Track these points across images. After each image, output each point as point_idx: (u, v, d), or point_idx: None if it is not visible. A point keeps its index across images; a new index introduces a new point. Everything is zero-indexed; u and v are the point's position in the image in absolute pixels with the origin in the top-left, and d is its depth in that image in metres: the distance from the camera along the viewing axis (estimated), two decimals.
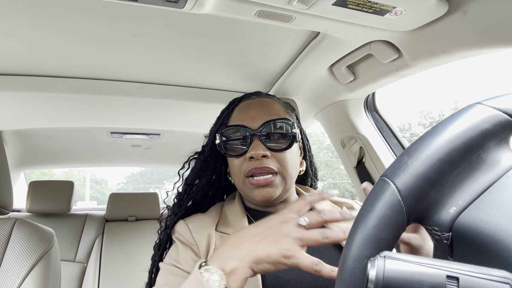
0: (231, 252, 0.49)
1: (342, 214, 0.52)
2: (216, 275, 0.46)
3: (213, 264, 0.48)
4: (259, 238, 0.49)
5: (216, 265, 0.47)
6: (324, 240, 0.48)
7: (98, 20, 0.87)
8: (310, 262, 0.46)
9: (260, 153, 0.68)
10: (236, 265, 0.47)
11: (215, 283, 0.45)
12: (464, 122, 0.33)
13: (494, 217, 0.30)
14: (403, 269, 0.27)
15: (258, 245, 0.48)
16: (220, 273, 0.46)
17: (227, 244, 0.51)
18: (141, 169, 23.39)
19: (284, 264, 0.47)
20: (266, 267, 0.48)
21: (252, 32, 0.97)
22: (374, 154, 1.23)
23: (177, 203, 0.79)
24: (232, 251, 0.49)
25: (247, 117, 0.73)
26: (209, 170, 0.80)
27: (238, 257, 0.48)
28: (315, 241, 0.48)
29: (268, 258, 0.47)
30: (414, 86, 30.46)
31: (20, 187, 2.36)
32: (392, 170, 0.33)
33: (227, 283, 0.46)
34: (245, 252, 0.48)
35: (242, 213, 0.74)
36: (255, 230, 0.51)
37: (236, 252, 0.49)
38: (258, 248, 0.48)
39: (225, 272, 0.46)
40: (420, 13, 0.72)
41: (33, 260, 0.84)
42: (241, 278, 0.47)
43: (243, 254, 0.48)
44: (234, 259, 0.48)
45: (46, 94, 1.21)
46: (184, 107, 1.42)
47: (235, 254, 0.48)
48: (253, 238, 0.50)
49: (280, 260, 0.47)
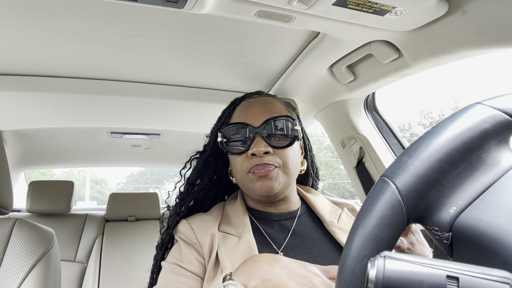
0: (258, 270, 0.48)
1: None
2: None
3: (237, 279, 0.48)
4: (290, 273, 0.48)
5: (240, 281, 0.47)
6: None
7: (98, 20, 0.87)
8: None
9: (262, 150, 0.68)
10: (258, 285, 0.46)
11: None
12: (464, 122, 0.33)
13: (494, 217, 0.30)
14: (403, 269, 0.27)
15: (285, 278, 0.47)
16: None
17: (256, 261, 0.50)
18: (141, 169, 23.40)
19: None
20: None
21: (252, 32, 0.97)
22: (374, 154, 1.23)
23: (179, 202, 0.79)
24: (259, 270, 0.48)
25: (249, 115, 0.73)
26: (210, 170, 0.80)
27: (263, 278, 0.47)
28: None
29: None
30: (414, 86, 30.47)
31: (20, 187, 2.36)
32: (392, 170, 0.33)
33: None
34: (270, 276, 0.47)
35: (244, 212, 0.74)
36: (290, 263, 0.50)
37: (262, 272, 0.48)
38: (284, 280, 0.47)
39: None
40: (420, 13, 0.72)
41: (33, 260, 0.84)
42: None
43: (268, 277, 0.47)
44: (258, 279, 0.47)
45: (46, 94, 1.21)
46: (184, 107, 1.42)
47: (261, 274, 0.47)
48: (284, 269, 0.49)
49: None
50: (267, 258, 0.51)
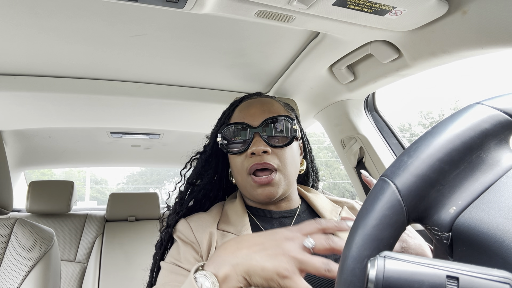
0: (226, 257, 0.47)
1: None
2: (209, 281, 0.44)
3: (208, 268, 0.47)
4: (258, 248, 0.47)
5: (211, 270, 0.46)
6: (326, 273, 0.43)
7: (98, 20, 0.87)
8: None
9: (261, 149, 0.69)
10: (229, 271, 0.45)
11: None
12: (464, 122, 0.33)
13: (494, 217, 0.30)
14: (403, 269, 0.27)
15: (254, 255, 0.46)
16: (213, 279, 0.44)
17: (224, 248, 0.49)
18: (141, 169, 23.40)
19: (277, 283, 0.43)
20: (258, 281, 0.45)
21: (252, 32, 0.97)
22: (374, 154, 1.23)
23: (178, 202, 0.79)
24: (228, 256, 0.47)
25: (248, 115, 0.74)
26: (210, 170, 0.81)
27: (233, 263, 0.46)
28: (316, 270, 0.43)
29: (262, 271, 0.44)
30: (414, 86, 30.49)
31: (20, 187, 2.36)
32: (392, 170, 0.33)
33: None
34: (240, 260, 0.46)
35: (243, 211, 0.74)
36: (256, 239, 0.49)
37: (231, 258, 0.47)
38: (254, 258, 0.45)
39: (219, 278, 0.45)
40: (420, 13, 0.72)
41: (33, 260, 0.84)
42: (234, 286, 0.45)
43: (237, 261, 0.46)
44: (228, 265, 0.46)
45: (46, 94, 1.21)
46: (184, 107, 1.42)
47: (230, 260, 0.46)
48: (252, 247, 0.47)
49: (274, 278, 0.44)
50: (234, 241, 0.50)
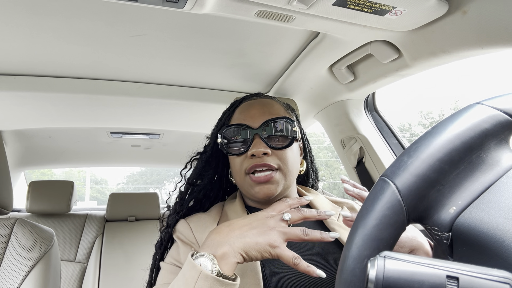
0: (222, 239, 0.53)
1: (319, 213, 0.57)
2: (208, 259, 0.50)
3: (204, 251, 0.52)
4: (248, 228, 0.54)
5: (207, 251, 0.51)
6: (304, 237, 0.53)
7: (98, 20, 0.87)
8: (291, 255, 0.51)
9: (261, 151, 0.69)
10: (227, 249, 0.51)
11: (207, 266, 0.49)
12: (464, 122, 0.33)
13: (494, 217, 0.30)
14: (403, 269, 0.27)
15: (247, 233, 0.53)
16: (211, 257, 0.50)
17: (217, 233, 0.55)
18: (141, 169, 23.40)
19: (269, 253, 0.51)
20: (253, 254, 0.52)
21: (252, 32, 0.97)
22: (374, 154, 1.23)
23: (179, 202, 0.79)
24: (223, 238, 0.53)
25: (248, 116, 0.74)
26: (211, 170, 0.81)
27: (229, 242, 0.52)
28: (297, 236, 0.53)
29: (256, 245, 0.51)
30: (414, 86, 30.49)
31: (20, 187, 2.36)
32: (392, 170, 0.33)
33: (219, 266, 0.49)
34: (235, 239, 0.52)
35: (243, 211, 0.74)
36: (243, 221, 0.56)
37: (227, 238, 0.53)
38: (247, 235, 0.53)
39: (217, 257, 0.50)
40: (420, 13, 0.72)
41: (33, 260, 0.84)
42: (232, 262, 0.50)
43: (233, 240, 0.52)
44: (225, 245, 0.52)
45: (46, 94, 1.21)
46: (184, 107, 1.42)
47: (226, 240, 0.52)
48: (243, 227, 0.54)
49: (266, 249, 0.51)
50: (224, 226, 0.56)
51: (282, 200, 0.61)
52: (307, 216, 0.57)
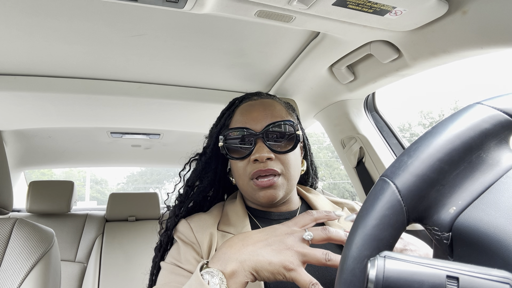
0: (233, 254, 0.49)
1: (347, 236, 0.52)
2: (217, 278, 0.46)
3: (214, 266, 0.48)
4: (263, 244, 0.49)
5: (217, 268, 0.48)
6: (326, 262, 0.47)
7: (98, 20, 0.87)
8: (308, 280, 0.46)
9: (264, 156, 0.68)
10: (237, 267, 0.47)
11: (215, 286, 0.45)
12: (464, 122, 0.33)
13: (494, 217, 0.30)
14: (403, 269, 0.27)
15: (260, 251, 0.48)
16: (220, 276, 0.46)
17: (229, 246, 0.51)
18: (141, 169, 23.40)
19: (283, 275, 0.47)
20: (265, 275, 0.47)
21: (252, 32, 0.97)
22: (374, 154, 1.23)
23: (178, 204, 0.79)
24: (234, 253, 0.49)
25: (250, 119, 0.72)
26: (210, 172, 0.80)
27: (240, 260, 0.48)
28: (317, 260, 0.47)
29: (269, 266, 0.47)
30: (414, 86, 30.47)
31: (20, 187, 2.36)
32: (392, 170, 0.33)
33: (227, 286, 0.46)
34: (247, 256, 0.48)
35: (244, 212, 0.74)
36: (259, 235, 0.51)
37: (238, 254, 0.49)
38: (260, 254, 0.48)
39: (226, 275, 0.46)
40: (420, 13, 0.72)
41: (33, 260, 0.84)
42: (241, 281, 0.47)
43: (244, 257, 0.48)
44: (235, 262, 0.48)
45: (46, 94, 1.21)
46: (184, 107, 1.42)
47: (236, 256, 0.48)
48: (257, 243, 0.50)
49: (280, 271, 0.46)
50: (238, 239, 0.52)
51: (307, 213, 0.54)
52: (333, 237, 0.50)
